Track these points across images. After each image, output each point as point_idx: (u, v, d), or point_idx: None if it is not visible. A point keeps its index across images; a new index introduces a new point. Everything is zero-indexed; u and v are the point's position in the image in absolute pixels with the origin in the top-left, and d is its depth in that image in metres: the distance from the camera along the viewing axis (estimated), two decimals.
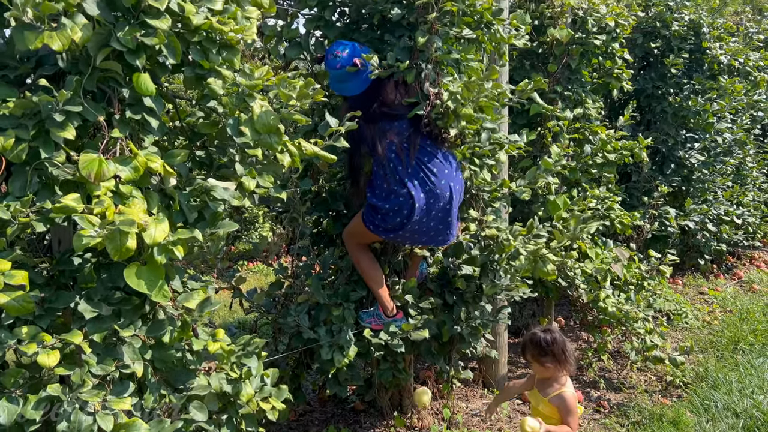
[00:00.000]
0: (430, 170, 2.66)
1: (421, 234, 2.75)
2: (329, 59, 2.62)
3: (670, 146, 5.74)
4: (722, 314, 5.30)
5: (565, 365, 2.48)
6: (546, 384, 2.54)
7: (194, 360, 2.01)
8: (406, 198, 2.63)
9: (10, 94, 1.57)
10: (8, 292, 1.53)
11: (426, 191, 2.65)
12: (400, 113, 2.65)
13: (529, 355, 2.53)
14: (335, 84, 2.68)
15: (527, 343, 2.55)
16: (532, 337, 2.53)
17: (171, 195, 1.86)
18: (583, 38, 4.18)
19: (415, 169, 2.65)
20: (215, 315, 5.17)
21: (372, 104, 2.63)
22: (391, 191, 2.66)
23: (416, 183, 2.64)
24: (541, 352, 2.48)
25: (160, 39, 1.61)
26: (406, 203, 2.63)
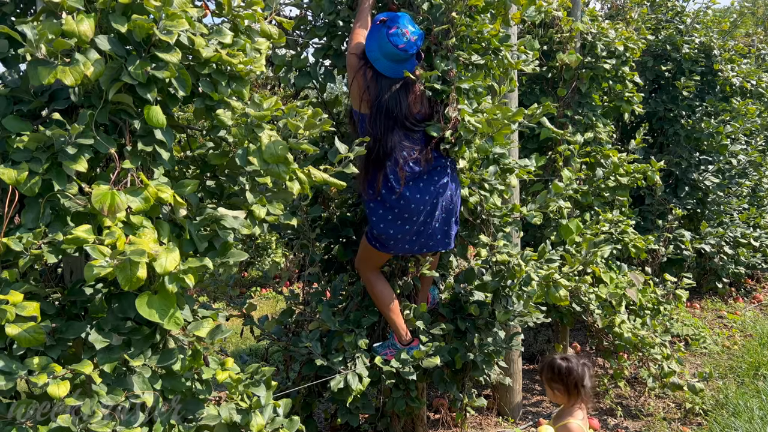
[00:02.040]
0: (431, 172, 2.67)
1: (428, 237, 2.76)
2: (394, 33, 2.46)
3: (684, 169, 5.70)
4: (742, 339, 5.19)
5: (576, 398, 2.44)
6: (561, 413, 2.50)
7: (203, 389, 2.00)
8: (405, 197, 2.63)
9: (24, 128, 1.60)
10: (20, 323, 1.55)
11: (427, 191, 2.65)
12: (420, 128, 2.66)
13: (543, 377, 2.50)
14: (386, 62, 2.53)
15: (545, 365, 2.51)
16: (551, 361, 2.49)
17: (181, 224, 1.87)
18: (592, 62, 4.20)
19: (411, 169, 2.65)
20: (228, 343, 5.16)
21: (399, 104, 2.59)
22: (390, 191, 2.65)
23: (417, 184, 2.64)
24: (554, 378, 2.45)
25: (170, 72, 1.64)
26: (407, 204, 2.64)
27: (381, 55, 2.51)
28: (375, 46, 2.51)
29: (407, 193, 2.64)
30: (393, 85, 2.56)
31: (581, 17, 4.29)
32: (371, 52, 2.53)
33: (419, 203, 2.66)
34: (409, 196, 2.64)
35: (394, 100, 2.57)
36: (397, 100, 2.57)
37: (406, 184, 2.64)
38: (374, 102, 2.56)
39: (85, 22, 1.51)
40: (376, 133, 2.57)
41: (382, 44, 2.48)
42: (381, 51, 2.50)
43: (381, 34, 2.47)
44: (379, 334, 3.05)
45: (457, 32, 2.55)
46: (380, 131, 2.58)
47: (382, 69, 2.54)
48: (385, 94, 2.55)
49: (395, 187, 2.63)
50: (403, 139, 2.62)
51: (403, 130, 2.62)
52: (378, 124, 2.58)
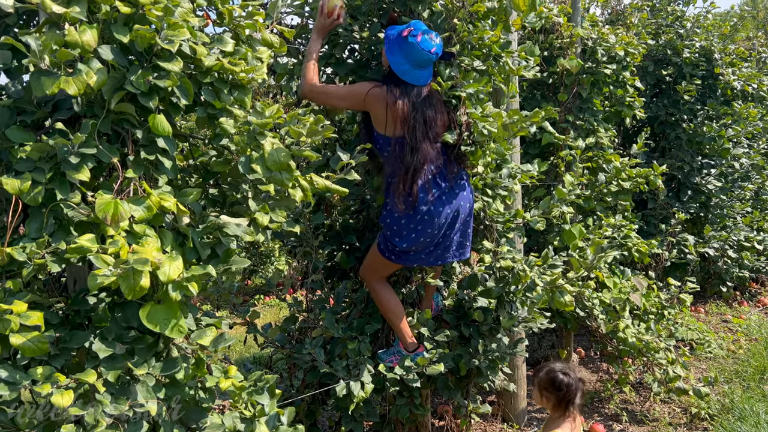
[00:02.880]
0: (451, 184, 2.68)
1: (445, 249, 2.76)
2: (423, 40, 2.46)
3: (686, 173, 5.70)
4: (747, 343, 5.17)
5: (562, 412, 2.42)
6: (548, 423, 2.48)
7: (207, 398, 2.00)
8: (430, 211, 2.63)
9: (28, 139, 1.61)
10: (24, 333, 1.55)
11: (450, 203, 2.66)
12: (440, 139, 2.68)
13: (538, 381, 2.48)
14: (412, 69, 2.53)
15: (544, 374, 2.49)
16: (551, 372, 2.46)
17: (184, 232, 1.88)
18: (593, 68, 4.20)
19: (436, 183, 2.66)
20: (231, 351, 5.16)
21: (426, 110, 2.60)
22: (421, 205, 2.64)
23: (441, 196, 2.65)
24: (548, 389, 2.42)
25: (172, 81, 1.65)
26: (431, 218, 2.63)
27: (411, 65, 2.51)
28: (402, 58, 2.50)
29: (433, 207, 2.64)
30: (421, 93, 2.58)
31: (581, 23, 4.30)
32: (399, 65, 2.51)
33: (443, 216, 2.66)
34: (433, 211, 2.64)
35: (425, 110, 2.58)
36: (425, 109, 2.58)
37: (435, 198, 2.65)
38: (410, 115, 2.55)
39: (88, 32, 1.52)
40: (414, 144, 2.57)
41: (413, 53, 2.47)
42: (411, 61, 2.50)
43: (410, 45, 2.46)
44: (382, 341, 3.05)
45: (459, 38, 2.56)
46: (418, 143, 2.57)
47: (411, 79, 2.53)
48: (418, 105, 2.56)
49: (426, 200, 2.63)
50: (431, 150, 2.62)
51: (431, 141, 2.62)
52: (416, 137, 2.56)
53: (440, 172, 2.66)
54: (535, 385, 2.48)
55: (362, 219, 3.17)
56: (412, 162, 2.57)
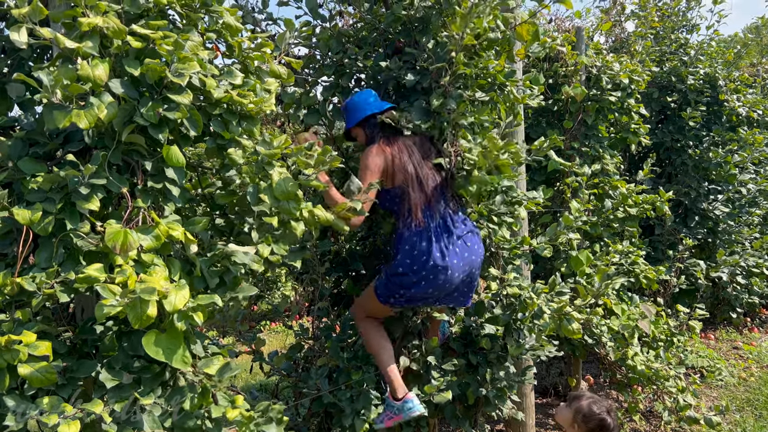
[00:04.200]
0: (465, 236, 2.64)
1: (447, 295, 2.69)
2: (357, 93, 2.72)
3: (693, 198, 5.69)
4: (759, 370, 5.10)
5: None
6: None
7: (213, 427, 1.99)
8: (435, 261, 2.54)
9: (39, 170, 1.63)
10: (32, 363, 1.55)
11: (462, 256, 2.60)
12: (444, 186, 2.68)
13: (576, 408, 2.43)
14: (375, 102, 2.68)
15: (585, 403, 2.44)
16: (595, 406, 2.42)
17: (192, 261, 1.89)
18: (597, 95, 4.23)
19: (443, 232, 2.61)
20: (237, 378, 5.13)
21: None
22: (419, 252, 2.56)
23: (448, 246, 2.58)
24: (586, 421, 2.39)
25: (182, 113, 1.68)
26: (436, 267, 2.55)
27: (367, 102, 2.64)
28: (359, 106, 2.65)
29: (447, 261, 2.56)
30: (409, 139, 2.63)
31: (585, 51, 4.35)
32: (361, 110, 2.64)
33: (455, 270, 2.59)
34: (447, 264, 2.55)
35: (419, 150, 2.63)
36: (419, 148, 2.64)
37: (448, 250, 2.57)
38: (408, 159, 2.58)
39: (100, 66, 1.55)
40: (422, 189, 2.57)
41: (360, 100, 2.66)
42: (364, 101, 2.65)
43: (353, 101, 2.67)
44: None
45: (453, 71, 2.59)
46: (426, 188, 2.58)
47: (377, 107, 2.64)
48: (411, 147, 2.61)
49: (443, 255, 2.56)
50: (439, 195, 2.62)
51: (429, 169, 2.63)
52: (423, 184, 2.58)
53: (448, 215, 2.63)
54: (572, 411, 2.44)
55: (369, 245, 3.17)
56: (416, 215, 2.57)
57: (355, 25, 2.92)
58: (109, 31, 1.60)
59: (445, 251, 2.55)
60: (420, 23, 2.72)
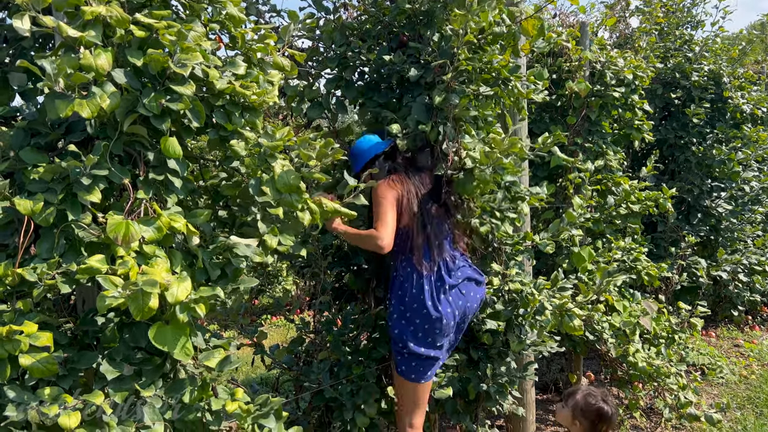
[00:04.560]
0: (455, 284, 2.62)
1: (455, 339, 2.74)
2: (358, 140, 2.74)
3: (696, 195, 5.67)
4: (759, 368, 5.09)
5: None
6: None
7: (213, 420, 1.98)
8: (428, 310, 2.54)
9: (41, 160, 1.63)
10: (33, 354, 1.55)
11: (447, 303, 2.59)
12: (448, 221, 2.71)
13: (572, 404, 2.42)
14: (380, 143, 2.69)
15: (580, 396, 2.43)
16: (590, 398, 2.41)
17: (194, 253, 1.88)
18: (601, 91, 4.21)
19: (437, 280, 2.59)
20: (238, 371, 5.13)
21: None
22: (411, 298, 2.57)
23: (440, 294, 2.57)
24: (585, 414, 2.38)
25: (185, 104, 1.67)
26: (429, 316, 2.54)
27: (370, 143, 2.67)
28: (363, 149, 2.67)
29: (441, 310, 2.56)
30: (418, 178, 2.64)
31: (590, 46, 4.32)
32: (366, 152, 2.65)
33: (449, 318, 2.58)
34: (441, 314, 2.55)
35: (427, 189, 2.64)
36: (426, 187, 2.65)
37: (440, 299, 2.57)
38: (415, 200, 2.57)
39: (103, 56, 1.54)
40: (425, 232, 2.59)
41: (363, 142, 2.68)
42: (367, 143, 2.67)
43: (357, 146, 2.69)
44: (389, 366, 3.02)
45: (456, 67, 2.57)
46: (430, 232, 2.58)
47: (381, 147, 2.65)
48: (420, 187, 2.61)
49: (434, 304, 2.55)
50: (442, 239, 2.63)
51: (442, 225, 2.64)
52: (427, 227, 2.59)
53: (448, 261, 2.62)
54: (569, 408, 2.42)
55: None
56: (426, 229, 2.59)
57: (360, 17, 2.90)
58: (113, 20, 1.59)
59: (437, 301, 2.56)
60: (425, 16, 2.70)
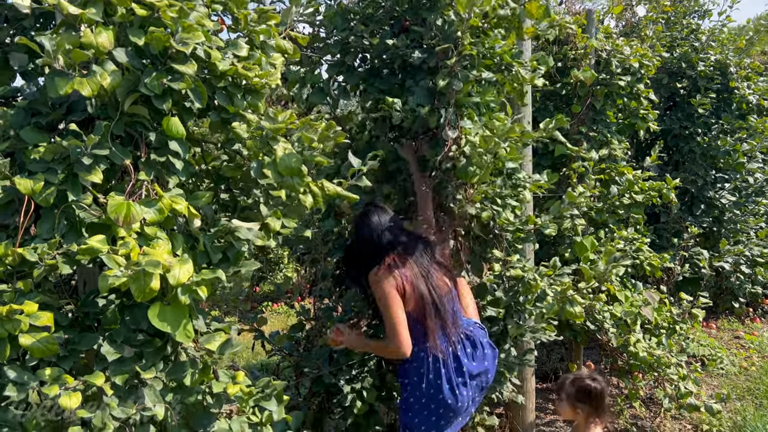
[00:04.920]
0: (472, 370, 2.43)
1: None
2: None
3: (700, 186, 5.65)
4: (760, 360, 5.10)
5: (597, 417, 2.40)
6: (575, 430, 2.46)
7: (214, 403, 1.99)
8: (446, 399, 2.36)
9: (41, 140, 1.62)
10: (33, 334, 1.55)
11: (464, 386, 2.40)
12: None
13: (565, 395, 2.43)
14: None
15: (567, 384, 2.44)
16: (578, 382, 2.42)
17: (196, 236, 1.87)
18: (607, 79, 4.19)
19: (454, 361, 2.41)
20: (239, 358, 5.14)
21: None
22: (428, 385, 2.38)
23: (457, 381, 2.39)
24: (580, 398, 2.39)
25: (186, 84, 1.65)
26: (447, 404, 2.37)
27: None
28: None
29: (458, 397, 2.38)
30: (412, 247, 2.46)
31: (596, 34, 4.29)
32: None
33: (464, 401, 2.40)
34: (458, 403, 2.38)
35: (426, 257, 2.47)
36: (425, 255, 2.48)
37: (458, 385, 2.38)
38: (422, 283, 2.38)
39: (103, 34, 1.53)
40: (439, 314, 2.38)
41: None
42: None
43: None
44: None
45: (459, 51, 2.55)
46: (443, 313, 2.39)
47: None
48: (419, 260, 2.43)
49: (452, 391, 2.37)
50: (452, 314, 2.44)
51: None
52: (440, 309, 2.39)
53: (462, 341, 2.43)
54: (565, 400, 2.43)
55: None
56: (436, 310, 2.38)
57: (361, 2, 2.87)
58: None
59: (456, 386, 2.37)
60: (427, 0, 2.68)
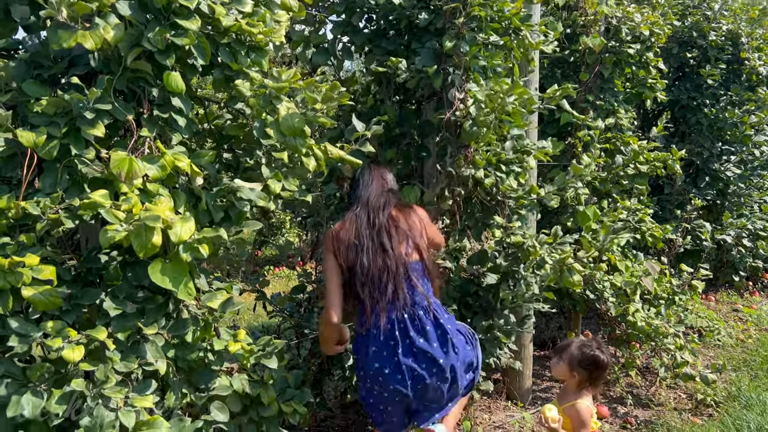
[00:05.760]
0: (417, 342, 2.22)
1: (421, 405, 2.32)
2: None
3: (705, 158, 5.61)
4: (757, 332, 5.13)
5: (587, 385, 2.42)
6: (564, 393, 2.49)
7: (215, 360, 2.02)
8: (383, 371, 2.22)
9: (44, 93, 1.61)
10: (36, 286, 1.56)
11: (405, 366, 2.22)
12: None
13: (567, 356, 2.44)
14: None
15: (574, 348, 2.45)
16: (586, 348, 2.42)
17: (198, 194, 1.88)
18: (616, 47, 4.12)
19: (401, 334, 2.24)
20: (240, 319, 5.20)
21: None
22: (366, 357, 2.25)
23: (398, 353, 2.21)
24: (583, 365, 2.41)
25: (190, 39, 1.63)
26: (382, 376, 2.22)
27: None
28: None
29: (399, 369, 2.22)
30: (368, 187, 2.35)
31: (606, 0, 4.21)
32: None
33: (407, 378, 2.22)
34: (395, 374, 2.22)
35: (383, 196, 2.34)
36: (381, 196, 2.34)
37: (398, 357, 2.22)
38: (356, 239, 2.24)
39: None
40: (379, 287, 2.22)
41: None
42: None
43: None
44: None
45: (468, 12, 2.50)
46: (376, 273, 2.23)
47: None
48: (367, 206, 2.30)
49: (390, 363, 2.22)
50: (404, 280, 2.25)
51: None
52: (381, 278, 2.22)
53: (412, 312, 2.24)
54: (565, 361, 2.44)
55: None
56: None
57: None
58: None
59: (388, 366, 2.22)
60: None
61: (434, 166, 2.86)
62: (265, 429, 2.16)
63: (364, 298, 2.21)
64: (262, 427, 2.15)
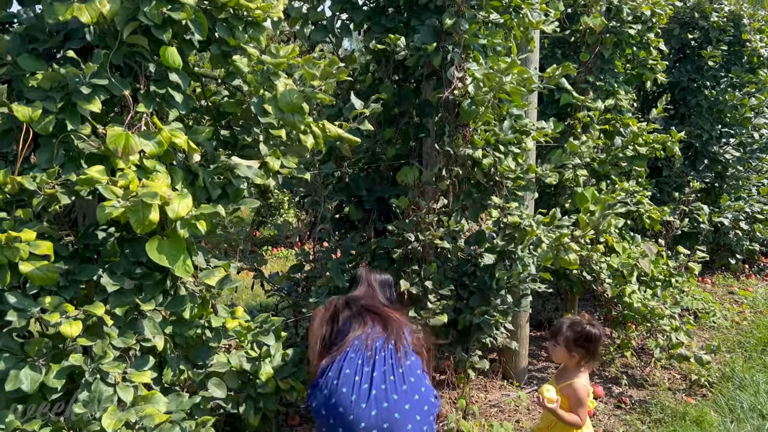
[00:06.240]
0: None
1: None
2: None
3: (704, 141, 5.60)
4: (752, 315, 5.16)
5: (590, 362, 2.44)
6: (563, 372, 2.50)
7: (213, 337, 2.02)
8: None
9: (39, 67, 1.59)
10: (33, 261, 1.56)
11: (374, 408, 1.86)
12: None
13: (563, 339, 2.45)
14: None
15: (565, 329, 2.46)
16: (576, 326, 2.43)
17: (195, 171, 1.87)
18: (617, 27, 4.09)
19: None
20: (238, 299, 5.22)
21: None
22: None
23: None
24: (578, 343, 2.42)
25: (186, 13, 1.62)
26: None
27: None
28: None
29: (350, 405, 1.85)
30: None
31: None
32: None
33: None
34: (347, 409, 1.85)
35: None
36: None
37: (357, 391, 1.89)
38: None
39: None
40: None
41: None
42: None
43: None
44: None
45: None
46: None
47: None
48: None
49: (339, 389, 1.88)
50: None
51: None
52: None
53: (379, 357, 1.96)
54: (562, 344, 2.44)
55: (372, 172, 3.14)
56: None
57: None
58: None
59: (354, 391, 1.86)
60: None
61: (433, 145, 2.85)
62: (262, 405, 2.17)
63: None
64: (259, 403, 2.17)
